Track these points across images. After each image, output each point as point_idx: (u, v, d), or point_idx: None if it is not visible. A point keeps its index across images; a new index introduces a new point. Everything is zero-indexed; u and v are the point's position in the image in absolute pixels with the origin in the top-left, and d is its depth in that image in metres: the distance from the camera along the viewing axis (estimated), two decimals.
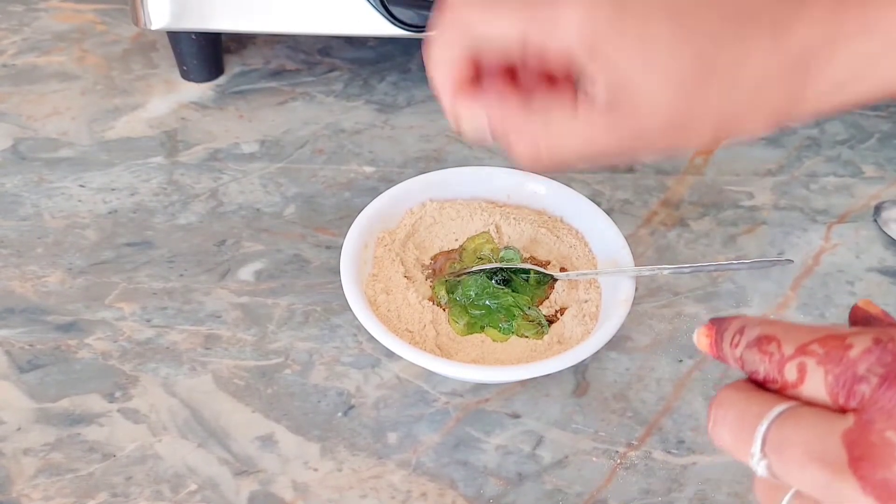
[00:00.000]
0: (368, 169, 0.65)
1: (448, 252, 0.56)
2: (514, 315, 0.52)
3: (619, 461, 0.48)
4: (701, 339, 0.34)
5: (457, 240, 0.56)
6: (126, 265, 0.58)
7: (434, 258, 0.56)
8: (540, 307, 0.53)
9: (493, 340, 0.51)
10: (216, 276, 0.58)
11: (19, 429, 0.49)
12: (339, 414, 0.50)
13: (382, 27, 0.63)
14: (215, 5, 0.64)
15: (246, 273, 0.58)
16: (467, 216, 0.57)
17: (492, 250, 0.55)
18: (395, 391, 0.52)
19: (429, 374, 0.52)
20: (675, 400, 0.51)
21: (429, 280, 0.54)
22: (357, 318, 0.49)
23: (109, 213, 0.62)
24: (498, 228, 0.57)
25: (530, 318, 0.52)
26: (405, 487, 0.47)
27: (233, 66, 0.74)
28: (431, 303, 0.53)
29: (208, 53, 0.71)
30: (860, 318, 0.34)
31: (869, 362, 0.29)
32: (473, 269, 0.54)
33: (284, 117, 0.70)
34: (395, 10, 0.61)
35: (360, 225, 0.54)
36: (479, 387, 0.52)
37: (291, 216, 0.62)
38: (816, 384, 0.30)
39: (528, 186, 0.58)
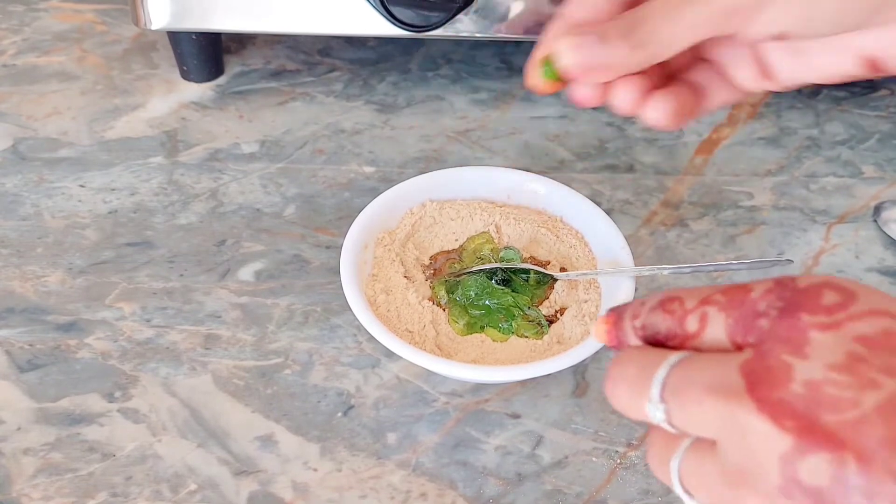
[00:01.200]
0: (368, 169, 0.65)
1: (448, 252, 0.56)
2: (514, 315, 0.52)
3: (618, 461, 0.48)
4: (599, 330, 0.35)
5: (457, 240, 0.56)
6: (126, 265, 0.58)
7: (434, 258, 0.56)
8: (540, 307, 0.53)
9: (493, 340, 0.51)
10: (216, 276, 0.58)
11: (19, 428, 0.49)
12: (339, 414, 0.50)
13: (382, 27, 0.63)
14: (215, 5, 0.64)
15: (246, 273, 0.58)
16: (467, 216, 0.57)
17: (492, 250, 0.55)
18: (395, 391, 0.52)
19: (428, 375, 0.52)
20: None
21: (429, 280, 0.54)
22: (357, 319, 0.49)
23: (109, 213, 0.62)
24: (498, 228, 0.57)
25: (530, 319, 0.52)
26: (405, 488, 0.47)
27: (233, 67, 0.74)
28: (431, 303, 0.53)
29: (208, 53, 0.71)
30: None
31: (769, 300, 0.30)
32: (473, 269, 0.54)
33: (284, 117, 0.70)
34: (396, 11, 0.61)
35: (360, 225, 0.54)
36: (478, 387, 0.52)
37: (291, 216, 0.62)
38: (717, 329, 0.31)
39: (528, 186, 0.58)
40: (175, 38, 0.70)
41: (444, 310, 0.52)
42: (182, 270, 0.58)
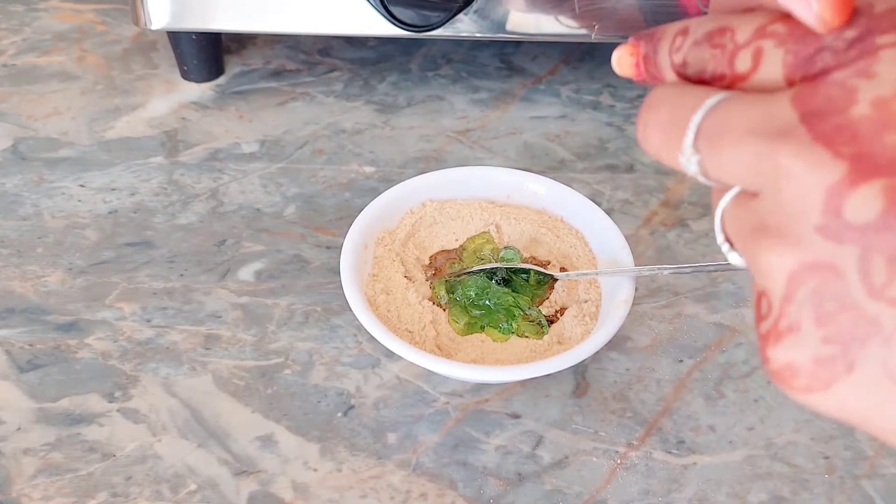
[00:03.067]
0: (368, 169, 0.65)
1: (448, 252, 0.56)
2: (514, 315, 0.52)
3: (618, 461, 0.48)
4: (623, 59, 0.30)
5: (457, 240, 0.56)
6: (126, 265, 0.58)
7: (434, 258, 0.56)
8: (540, 307, 0.53)
9: (493, 340, 0.51)
10: (216, 276, 0.58)
11: (19, 429, 0.49)
12: (339, 414, 0.50)
13: (383, 27, 0.63)
14: (216, 5, 0.64)
15: (246, 273, 0.58)
16: (467, 216, 0.57)
17: (492, 250, 0.55)
18: (395, 391, 0.52)
19: (429, 375, 0.52)
20: (675, 400, 0.51)
21: (429, 280, 0.54)
22: (357, 319, 0.49)
23: (109, 213, 0.62)
24: (498, 228, 0.57)
25: (530, 319, 0.52)
26: (405, 488, 0.47)
27: (233, 67, 0.74)
28: (431, 303, 0.53)
29: (208, 53, 0.71)
30: None
31: (840, 29, 0.25)
32: (473, 269, 0.54)
33: (284, 117, 0.70)
34: (396, 11, 0.61)
35: (360, 225, 0.54)
36: (478, 387, 0.52)
37: (291, 216, 0.62)
38: (773, 68, 0.26)
39: (528, 186, 0.58)
40: (175, 37, 0.70)
41: (444, 310, 0.52)
42: (182, 270, 0.58)
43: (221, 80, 0.73)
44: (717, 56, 0.27)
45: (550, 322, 0.52)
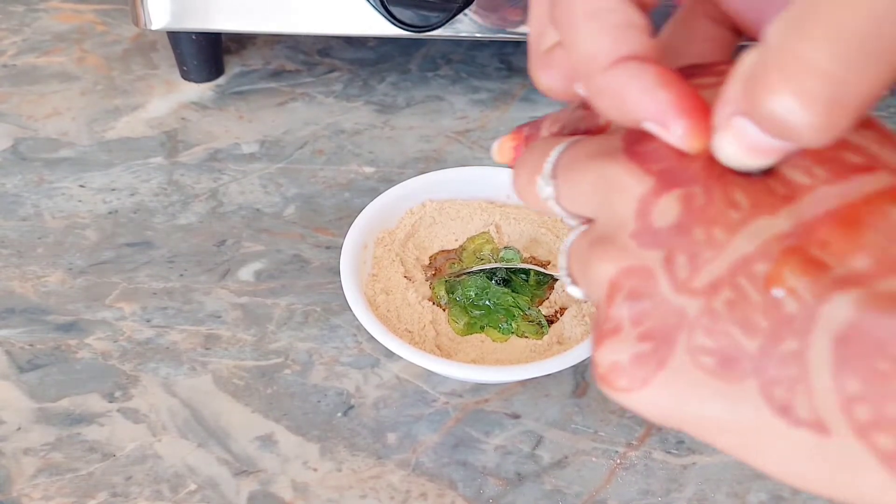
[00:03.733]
0: (368, 169, 0.65)
1: (448, 252, 0.56)
2: (514, 315, 0.52)
3: (618, 461, 0.48)
4: (503, 147, 0.35)
5: (457, 240, 0.57)
6: (126, 265, 0.58)
7: (433, 258, 0.56)
8: (540, 307, 0.53)
9: (493, 340, 0.51)
10: (216, 276, 0.58)
11: (19, 428, 0.49)
12: (339, 414, 0.50)
13: (382, 27, 0.63)
14: (215, 6, 0.64)
15: (246, 273, 0.58)
16: (467, 216, 0.57)
17: (492, 250, 0.55)
18: (395, 391, 0.52)
19: (428, 375, 0.52)
20: None
21: (429, 280, 0.54)
22: (357, 319, 0.49)
23: (109, 213, 0.62)
24: (498, 228, 0.57)
25: (530, 319, 0.52)
26: (404, 488, 0.47)
27: (233, 67, 0.74)
28: (431, 303, 0.53)
29: (208, 54, 0.71)
30: None
31: None
32: (473, 269, 0.54)
33: (284, 118, 0.70)
34: (395, 11, 0.61)
35: (360, 225, 0.54)
36: (478, 387, 0.52)
37: (291, 216, 0.62)
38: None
39: None
40: (175, 38, 0.70)
41: (444, 310, 0.53)
42: (182, 270, 0.58)
43: (221, 80, 0.73)
44: (588, 115, 0.32)
45: (550, 322, 0.52)
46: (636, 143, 0.28)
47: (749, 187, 0.26)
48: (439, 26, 0.62)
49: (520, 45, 0.76)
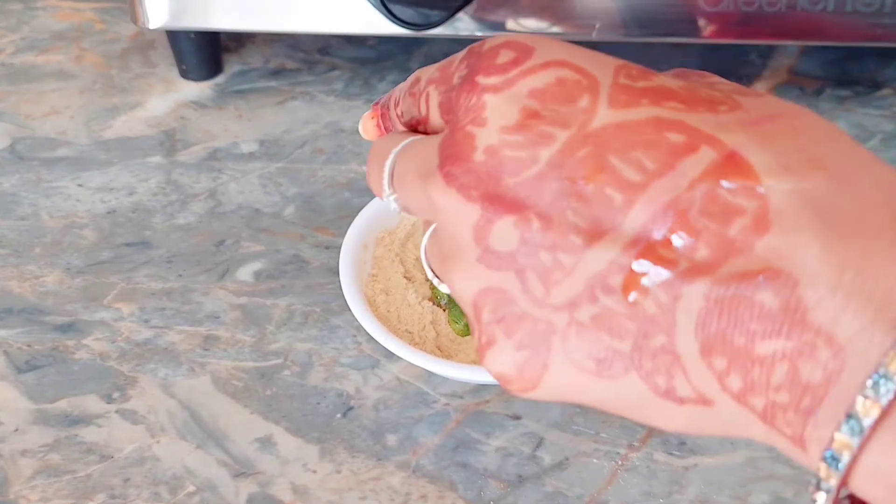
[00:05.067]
0: None
1: None
2: None
3: (620, 463, 0.48)
4: (366, 124, 0.35)
5: None
6: (124, 265, 0.58)
7: None
8: None
9: None
10: (215, 276, 0.57)
11: (17, 430, 0.49)
12: (339, 415, 0.50)
13: (383, 26, 0.62)
14: (215, 4, 0.64)
15: (245, 273, 0.58)
16: None
17: None
18: (395, 392, 0.51)
19: (428, 376, 0.52)
20: None
21: (429, 280, 0.54)
22: (356, 319, 0.49)
23: (108, 212, 0.62)
24: None
25: None
26: (404, 489, 0.47)
27: (232, 65, 0.74)
28: (431, 303, 0.52)
29: (207, 52, 0.71)
30: None
31: (461, 69, 0.30)
32: None
33: (284, 117, 0.69)
34: (396, 9, 0.61)
35: (360, 225, 0.53)
36: (479, 388, 0.52)
37: (291, 216, 0.61)
38: (433, 108, 0.31)
39: None
40: (174, 36, 0.70)
41: (444, 310, 0.52)
42: (181, 271, 0.58)
43: (220, 79, 0.72)
44: (413, 103, 0.32)
45: None
46: (451, 159, 0.28)
47: (583, 206, 0.26)
48: (439, 24, 0.61)
49: None
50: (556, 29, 0.63)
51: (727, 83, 0.29)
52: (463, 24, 0.63)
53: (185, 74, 0.72)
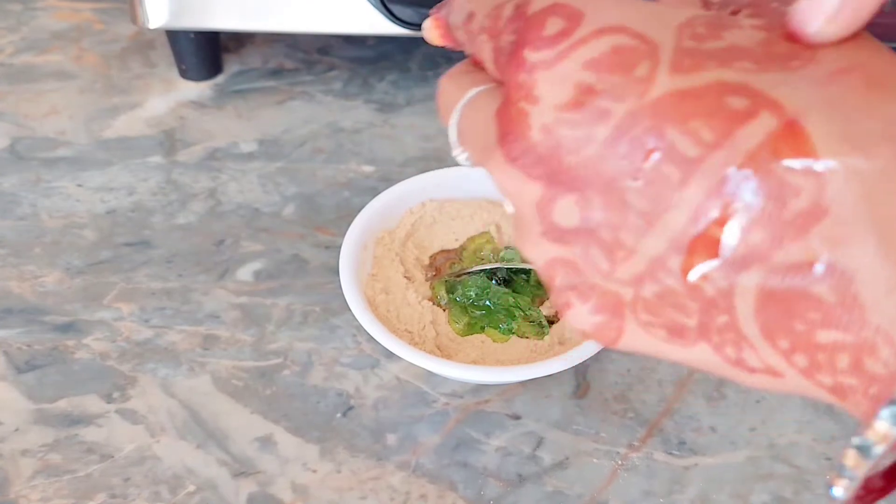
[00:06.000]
0: (368, 168, 0.65)
1: (448, 252, 0.56)
2: (515, 315, 0.51)
3: (620, 462, 0.48)
4: (431, 31, 0.33)
5: (457, 240, 0.56)
6: (124, 265, 0.58)
7: (433, 258, 0.55)
8: (541, 307, 0.53)
9: (494, 341, 0.51)
10: (215, 276, 0.57)
11: (17, 430, 0.49)
12: (339, 415, 0.50)
13: (382, 26, 0.62)
14: (214, 4, 0.64)
15: (245, 273, 0.58)
16: (467, 216, 0.56)
17: (492, 250, 0.55)
18: (395, 392, 0.51)
19: (428, 375, 0.52)
20: (676, 401, 0.51)
21: (429, 280, 0.54)
22: (356, 319, 0.49)
23: (107, 212, 0.62)
24: (498, 228, 0.56)
25: (531, 319, 0.52)
26: (404, 489, 0.47)
27: (231, 65, 0.74)
28: (431, 303, 0.52)
29: (207, 52, 0.71)
30: None
31: (509, 30, 0.28)
32: (473, 269, 0.53)
33: (283, 116, 0.69)
34: (395, 9, 0.61)
35: (360, 225, 0.53)
36: (479, 388, 0.52)
37: (290, 216, 0.61)
38: (490, 62, 0.29)
39: None
40: (173, 36, 0.70)
41: (444, 310, 0.52)
42: (181, 270, 0.58)
43: (220, 78, 0.72)
44: (470, 42, 0.30)
45: (551, 322, 0.52)
46: (508, 137, 0.27)
47: (642, 186, 0.25)
48: None
49: None
50: None
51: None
52: None
53: (184, 74, 0.72)
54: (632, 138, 0.25)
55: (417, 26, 0.62)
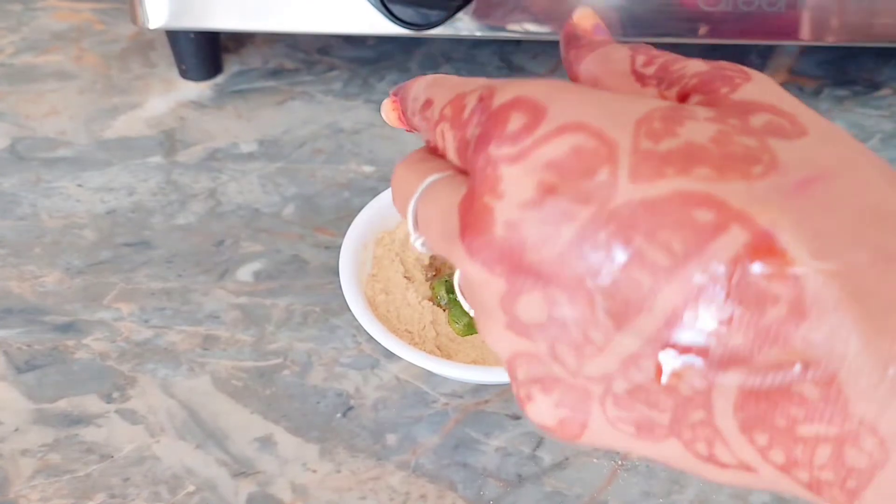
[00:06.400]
0: (368, 168, 0.65)
1: None
2: None
3: (619, 462, 0.48)
4: (389, 115, 0.33)
5: None
6: (124, 265, 0.58)
7: (433, 258, 0.55)
8: None
9: None
10: (214, 276, 0.57)
11: (17, 429, 0.49)
12: (338, 415, 0.50)
13: (382, 26, 0.62)
14: (214, 4, 0.64)
15: (244, 273, 0.58)
16: None
17: None
18: (395, 392, 0.51)
19: (428, 375, 0.52)
20: None
21: (429, 280, 0.54)
22: (356, 319, 0.49)
23: (107, 212, 0.62)
24: None
25: None
26: (404, 489, 0.47)
27: (231, 66, 0.74)
28: (431, 303, 0.52)
29: (207, 52, 0.71)
30: (568, 37, 0.32)
31: (473, 121, 0.28)
32: None
33: (283, 117, 0.69)
34: (395, 9, 0.61)
35: (360, 225, 0.53)
36: (478, 388, 0.52)
37: (290, 216, 0.61)
38: (452, 152, 0.29)
39: None
40: (173, 36, 0.70)
41: (444, 310, 0.52)
42: (180, 271, 0.58)
43: (220, 79, 0.72)
44: (428, 129, 0.30)
45: None
46: (471, 230, 0.26)
47: (610, 288, 0.25)
48: (439, 24, 0.61)
49: (520, 44, 0.76)
50: (555, 29, 0.63)
51: (766, 109, 0.26)
52: (463, 24, 0.63)
53: (184, 74, 0.72)
54: (596, 242, 0.25)
55: (417, 26, 0.62)
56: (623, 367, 0.25)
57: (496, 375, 0.49)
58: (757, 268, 0.23)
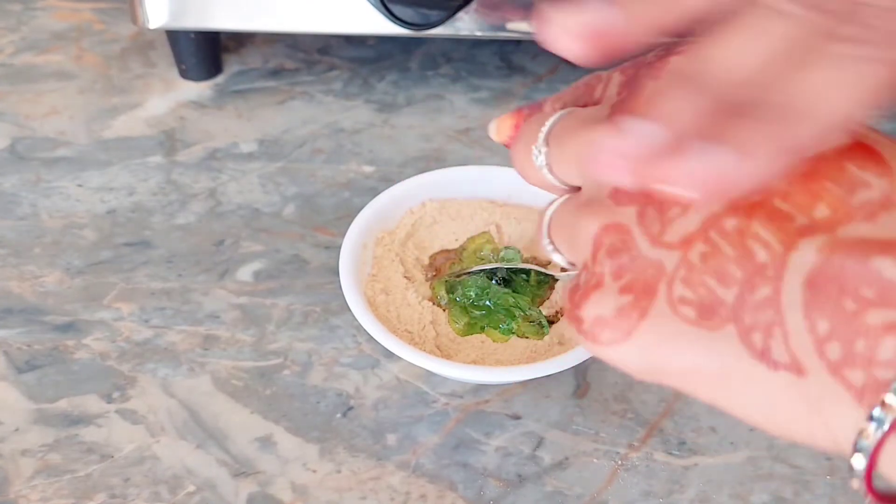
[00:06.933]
0: (368, 168, 0.65)
1: (448, 252, 0.56)
2: (515, 315, 0.51)
3: (619, 462, 0.48)
4: (503, 125, 0.36)
5: (457, 240, 0.56)
6: (124, 265, 0.58)
7: (433, 258, 0.55)
8: (540, 307, 0.53)
9: (494, 341, 0.51)
10: (215, 276, 0.57)
11: (17, 429, 0.49)
12: (338, 415, 0.50)
13: (382, 26, 0.62)
14: (214, 4, 0.64)
15: (244, 273, 0.58)
16: (467, 216, 0.56)
17: (492, 250, 0.55)
18: (395, 392, 0.51)
19: (428, 375, 0.52)
20: (676, 401, 0.51)
21: (429, 280, 0.54)
22: (356, 319, 0.49)
23: (107, 212, 0.62)
24: (498, 228, 0.56)
25: (531, 319, 0.52)
26: (404, 489, 0.47)
27: (231, 65, 0.74)
28: (431, 303, 0.52)
29: (207, 52, 0.71)
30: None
31: (659, 54, 0.31)
32: (473, 269, 0.53)
33: (283, 117, 0.69)
34: (395, 9, 0.61)
35: (360, 225, 0.53)
36: (478, 388, 0.52)
37: (290, 216, 0.61)
38: (613, 87, 0.32)
39: (528, 186, 0.57)
40: (173, 36, 0.70)
41: (444, 310, 0.52)
42: (180, 270, 0.58)
43: (220, 78, 0.72)
44: (587, 91, 0.34)
45: (551, 323, 0.52)
46: (622, 110, 0.28)
47: None
48: (439, 24, 0.61)
49: (520, 44, 0.76)
50: None
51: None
52: (462, 24, 0.63)
53: (184, 74, 0.72)
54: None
55: (418, 26, 0.62)
56: (704, 227, 0.26)
57: (496, 375, 0.49)
58: (854, 166, 0.26)
